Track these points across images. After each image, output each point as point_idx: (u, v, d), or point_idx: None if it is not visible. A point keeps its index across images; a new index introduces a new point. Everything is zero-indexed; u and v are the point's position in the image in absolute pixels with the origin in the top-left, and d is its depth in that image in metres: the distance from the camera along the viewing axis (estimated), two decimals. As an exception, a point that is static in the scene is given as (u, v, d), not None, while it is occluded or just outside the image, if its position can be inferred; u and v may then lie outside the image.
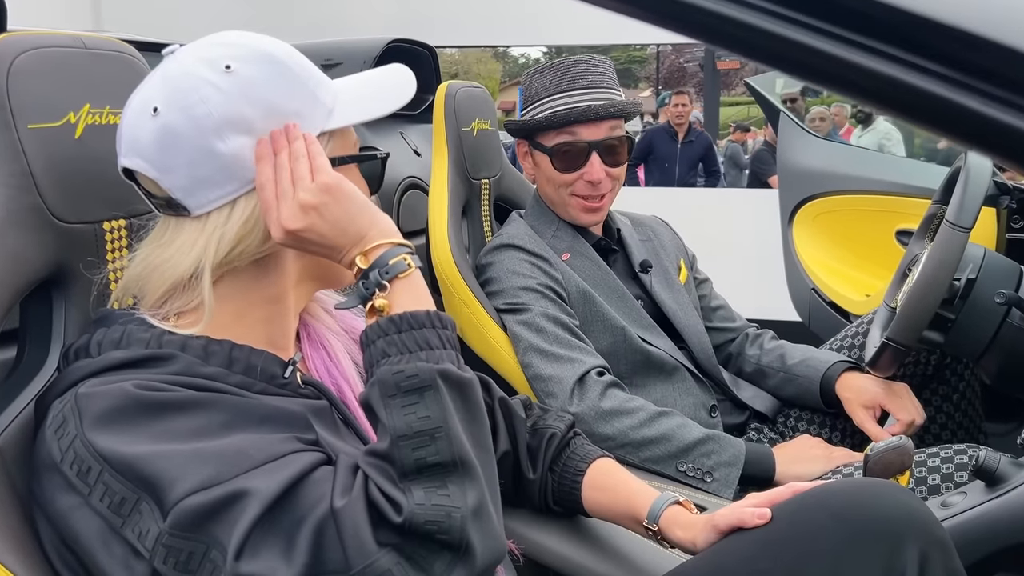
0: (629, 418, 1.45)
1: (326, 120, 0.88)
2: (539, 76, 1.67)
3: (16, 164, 0.88)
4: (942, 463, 1.38)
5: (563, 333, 1.53)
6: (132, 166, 0.86)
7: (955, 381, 1.71)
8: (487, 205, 1.85)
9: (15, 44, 0.90)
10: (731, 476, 1.42)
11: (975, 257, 1.43)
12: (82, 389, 0.77)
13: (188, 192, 0.84)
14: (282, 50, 0.88)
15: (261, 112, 0.84)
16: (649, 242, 1.80)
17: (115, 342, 0.83)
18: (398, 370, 0.76)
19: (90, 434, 0.74)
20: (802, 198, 2.77)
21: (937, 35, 0.46)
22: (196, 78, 0.83)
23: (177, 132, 0.82)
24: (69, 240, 0.93)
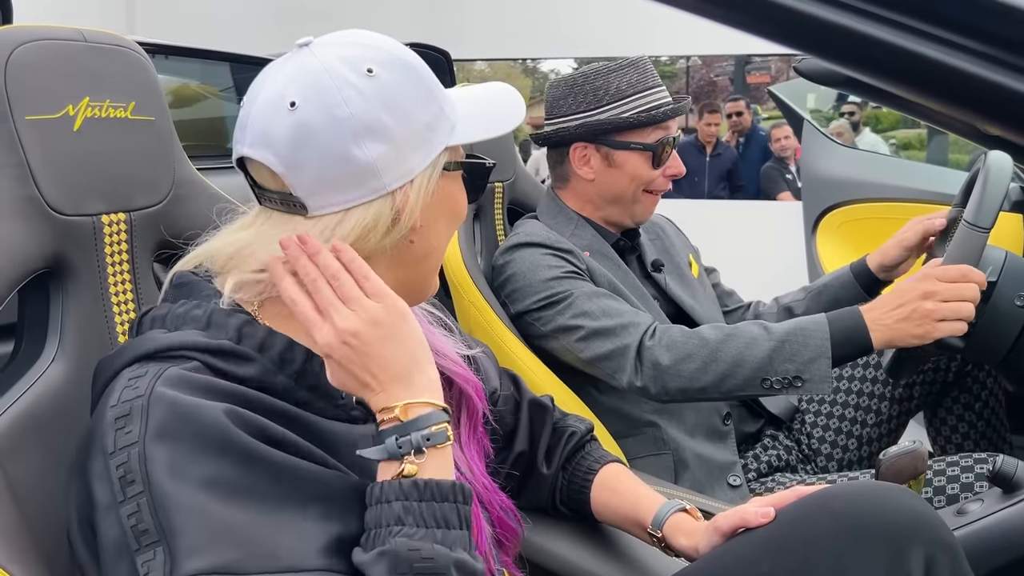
0: (691, 361, 1.40)
1: (449, 135, 0.85)
2: (619, 74, 1.62)
3: (12, 155, 0.89)
4: (961, 472, 1.34)
5: (609, 303, 1.50)
6: (259, 158, 0.81)
7: (977, 389, 1.66)
8: (500, 208, 1.84)
9: (14, 36, 0.91)
10: (822, 370, 1.34)
11: (996, 260, 1.39)
12: (161, 388, 0.74)
13: (311, 192, 0.81)
14: (416, 59, 0.86)
15: (398, 121, 0.81)
16: (659, 240, 1.78)
17: (196, 319, 0.81)
18: (414, 547, 0.72)
19: (150, 449, 0.71)
20: (826, 207, 2.75)
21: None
22: (338, 78, 0.80)
23: (315, 130, 0.79)
24: (66, 232, 0.93)
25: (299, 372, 0.81)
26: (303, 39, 0.85)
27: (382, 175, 0.81)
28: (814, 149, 2.82)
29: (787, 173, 5.88)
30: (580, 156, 1.64)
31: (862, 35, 0.49)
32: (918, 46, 0.48)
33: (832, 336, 1.35)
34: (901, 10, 0.47)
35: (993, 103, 0.50)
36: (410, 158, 0.82)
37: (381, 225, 0.82)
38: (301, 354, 0.82)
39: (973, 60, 0.47)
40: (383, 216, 0.82)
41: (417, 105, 0.83)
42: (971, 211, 1.32)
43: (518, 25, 5.48)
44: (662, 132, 1.60)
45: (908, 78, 0.52)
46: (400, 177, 0.82)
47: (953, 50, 0.47)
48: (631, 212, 1.66)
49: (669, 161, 1.62)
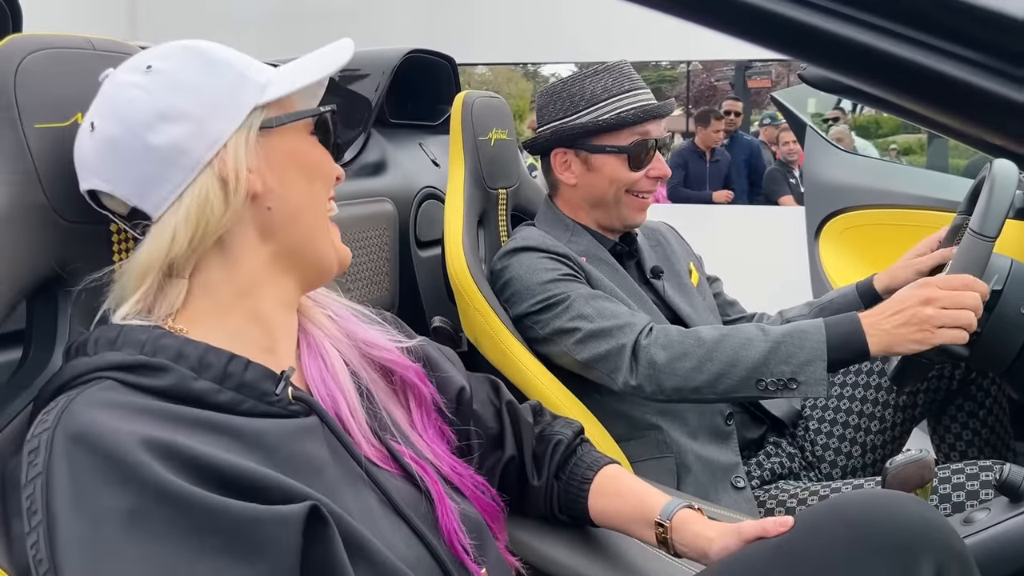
0: (687, 360, 1.40)
1: (261, 93, 0.87)
2: (595, 79, 1.64)
3: (21, 162, 0.89)
4: (967, 479, 1.34)
5: (606, 304, 1.51)
6: (89, 186, 0.86)
7: (981, 397, 1.67)
8: (504, 215, 1.84)
9: (23, 44, 0.91)
10: (818, 372, 1.34)
11: (1001, 268, 1.39)
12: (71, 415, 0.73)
13: (141, 196, 0.84)
14: (207, 44, 0.89)
15: (187, 98, 0.84)
16: (659, 247, 1.78)
17: (111, 341, 0.82)
18: None
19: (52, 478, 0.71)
20: (828, 212, 2.75)
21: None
22: (121, 84, 0.85)
23: (113, 139, 0.84)
24: (74, 240, 0.93)
25: (221, 375, 0.82)
26: (104, 73, 0.89)
27: (189, 151, 0.83)
28: (817, 155, 2.82)
29: (791, 177, 5.88)
30: (561, 162, 1.68)
31: (863, 46, 0.49)
32: (920, 57, 0.48)
33: (828, 340, 1.34)
34: (903, 21, 0.47)
35: (997, 116, 0.50)
36: (213, 126, 0.84)
37: (214, 197, 0.84)
38: (222, 358, 0.83)
39: (978, 72, 0.47)
40: (211, 187, 0.84)
41: (209, 79, 0.85)
42: (977, 220, 1.33)
43: (520, 30, 5.49)
44: (638, 135, 1.61)
45: (910, 90, 0.52)
46: (210, 146, 0.84)
47: (957, 62, 0.47)
48: (618, 215, 1.67)
49: (652, 163, 1.62)
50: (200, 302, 0.87)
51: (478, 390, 1.15)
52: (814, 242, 2.76)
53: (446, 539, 0.91)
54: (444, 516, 0.92)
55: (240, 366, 0.83)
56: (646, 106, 1.61)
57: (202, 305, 0.87)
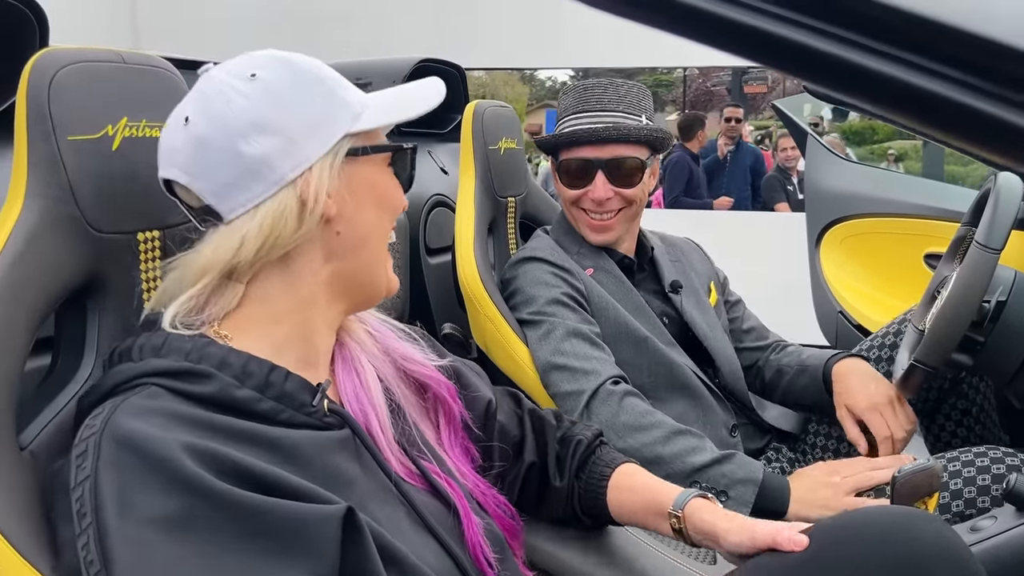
0: (645, 435, 1.44)
1: (353, 122, 0.89)
2: (564, 97, 1.72)
3: (55, 175, 0.90)
4: (964, 485, 1.36)
5: (582, 346, 1.52)
6: (168, 176, 0.88)
7: (972, 395, 1.70)
8: (513, 222, 1.86)
9: (57, 58, 0.93)
10: (747, 494, 1.40)
11: (1005, 279, 1.42)
12: (115, 421, 0.76)
13: (219, 196, 0.86)
14: (308, 60, 0.91)
15: (285, 114, 0.86)
16: (679, 263, 1.80)
17: (156, 348, 0.83)
18: None
19: (100, 481, 0.73)
20: (829, 221, 2.76)
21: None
22: (223, 86, 0.86)
23: (205, 138, 0.85)
24: (104, 250, 0.95)
25: (263, 384, 0.84)
26: (204, 67, 0.91)
27: (276, 166, 0.85)
28: (818, 163, 2.83)
29: (788, 184, 5.90)
30: (552, 170, 1.74)
31: (861, 67, 0.50)
32: (925, 82, 0.49)
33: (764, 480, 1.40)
34: (907, 48, 0.49)
35: (1000, 139, 0.51)
36: (305, 147, 0.86)
37: (289, 214, 0.85)
38: (264, 368, 0.85)
39: (981, 97, 0.48)
40: (289, 205, 0.85)
41: (307, 98, 0.87)
42: (983, 232, 1.35)
43: (518, 35, 5.51)
44: (572, 154, 1.65)
45: (915, 113, 0.53)
46: (296, 166, 0.85)
47: (961, 87, 0.48)
48: (582, 233, 1.70)
49: (591, 186, 1.63)
50: (252, 309, 0.88)
51: (502, 403, 1.17)
52: (815, 250, 2.78)
53: (471, 552, 0.93)
54: (470, 530, 0.94)
55: (281, 376, 0.85)
56: (577, 129, 1.64)
57: (253, 313, 0.88)
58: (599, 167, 1.63)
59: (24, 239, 0.88)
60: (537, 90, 16.13)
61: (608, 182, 1.63)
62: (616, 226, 1.67)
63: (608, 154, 1.63)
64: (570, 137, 1.63)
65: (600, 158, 1.63)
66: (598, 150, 1.63)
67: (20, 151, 0.90)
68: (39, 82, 0.90)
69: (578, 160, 1.64)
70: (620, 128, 1.62)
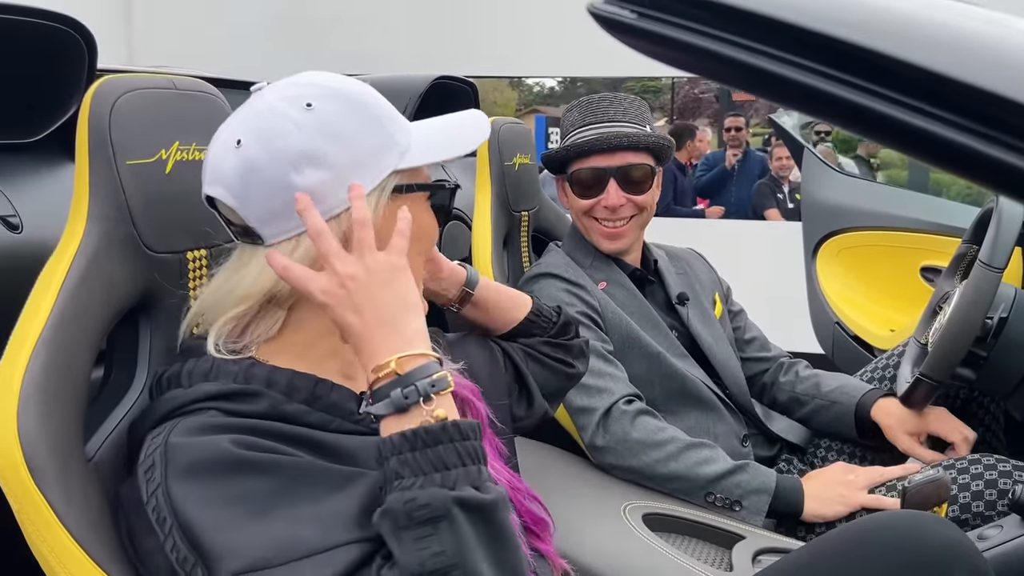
0: (657, 451, 1.49)
1: (400, 159, 0.91)
2: (569, 113, 1.75)
3: (115, 198, 0.94)
4: (959, 491, 1.41)
5: (596, 363, 1.56)
6: (214, 194, 0.89)
7: (981, 414, 1.75)
8: (526, 236, 1.91)
9: (116, 86, 0.96)
10: (760, 503, 1.44)
11: (1006, 296, 1.47)
12: (173, 437, 0.80)
13: (263, 222, 0.87)
14: (362, 90, 0.92)
15: (338, 148, 0.87)
16: (684, 275, 1.84)
17: (205, 373, 0.87)
18: (409, 498, 0.73)
19: (171, 485, 0.77)
20: (825, 233, 2.82)
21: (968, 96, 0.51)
22: (277, 114, 0.87)
23: (257, 164, 0.86)
24: (157, 269, 0.99)
25: (311, 397, 0.87)
26: (256, 85, 0.91)
27: (324, 199, 0.86)
28: (815, 176, 2.89)
29: (779, 192, 5.97)
30: (559, 187, 1.79)
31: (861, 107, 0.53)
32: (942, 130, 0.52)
33: (777, 486, 1.46)
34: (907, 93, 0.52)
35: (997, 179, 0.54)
36: (355, 180, 0.87)
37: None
38: (309, 382, 0.88)
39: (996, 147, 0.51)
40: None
41: (359, 132, 0.88)
42: (986, 251, 1.41)
43: (504, 43, 5.56)
44: (584, 164, 1.69)
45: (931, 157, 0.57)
46: (343, 201, 0.86)
47: (958, 130, 0.51)
48: (594, 242, 1.74)
49: (604, 194, 1.68)
50: (291, 335, 0.92)
51: (505, 365, 1.20)
52: (811, 261, 2.83)
53: None
54: None
55: (326, 388, 0.89)
56: (590, 139, 1.68)
57: (293, 338, 0.91)
58: (611, 175, 1.67)
59: (87, 260, 0.91)
60: (526, 95, 16.14)
61: (620, 189, 1.68)
62: (628, 233, 1.72)
63: (619, 162, 1.68)
64: (582, 147, 1.68)
65: (612, 166, 1.67)
66: (609, 159, 1.67)
67: (81, 175, 0.94)
68: (100, 110, 0.94)
69: (590, 170, 1.69)
70: (630, 136, 1.67)
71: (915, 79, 0.51)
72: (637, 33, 0.54)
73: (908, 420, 1.62)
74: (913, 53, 0.50)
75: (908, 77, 0.51)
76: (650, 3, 0.54)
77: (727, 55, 0.52)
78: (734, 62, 0.52)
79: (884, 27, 0.52)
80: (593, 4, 0.56)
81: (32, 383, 0.82)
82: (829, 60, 0.52)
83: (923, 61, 0.51)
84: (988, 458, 1.41)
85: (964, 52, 0.50)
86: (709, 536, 1.38)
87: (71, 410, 0.86)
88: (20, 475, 0.79)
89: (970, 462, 1.42)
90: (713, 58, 0.53)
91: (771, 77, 0.52)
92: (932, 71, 0.51)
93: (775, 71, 0.52)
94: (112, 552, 0.83)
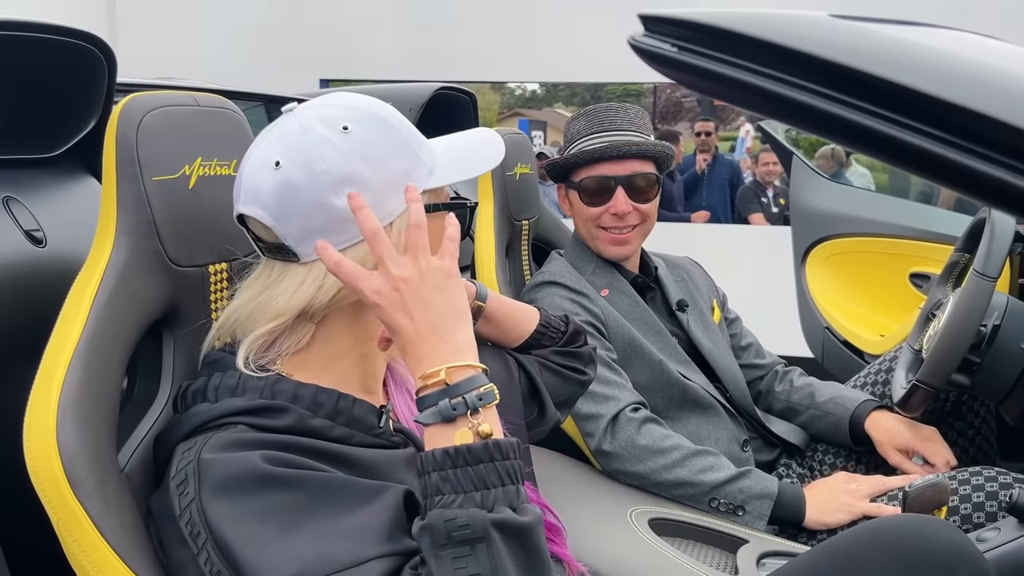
0: (663, 457, 1.52)
1: (427, 179, 0.94)
2: (575, 122, 1.78)
3: (142, 214, 0.96)
4: (960, 502, 1.45)
5: (602, 370, 1.58)
6: (250, 213, 0.91)
7: (971, 417, 1.79)
8: (527, 245, 1.94)
9: (143, 104, 0.98)
10: (763, 508, 1.48)
11: (999, 304, 1.52)
12: (206, 453, 0.82)
13: (299, 240, 0.89)
14: (391, 113, 0.95)
15: (373, 170, 0.89)
16: (683, 282, 1.87)
17: (231, 388, 0.89)
18: (449, 517, 0.75)
19: (205, 501, 0.79)
20: (815, 239, 2.86)
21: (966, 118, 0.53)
22: (316, 136, 0.89)
23: (297, 185, 0.88)
24: (181, 282, 1.01)
25: (333, 412, 0.90)
26: (288, 106, 0.94)
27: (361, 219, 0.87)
28: (803, 182, 2.93)
29: (763, 196, 6.03)
30: (561, 195, 1.81)
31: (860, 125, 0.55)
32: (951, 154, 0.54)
33: (779, 494, 1.50)
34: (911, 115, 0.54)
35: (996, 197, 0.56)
36: (388, 203, 0.90)
37: (368, 266, 0.88)
38: (332, 397, 0.90)
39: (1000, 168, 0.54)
40: (368, 258, 0.88)
41: (392, 155, 0.91)
42: (980, 261, 1.45)
43: (487, 49, 5.60)
44: (593, 172, 1.72)
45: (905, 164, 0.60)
46: (380, 220, 0.87)
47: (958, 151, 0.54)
48: (598, 249, 1.77)
49: (612, 201, 1.71)
50: (318, 348, 0.94)
51: (520, 376, 1.23)
52: (801, 267, 2.88)
53: None
54: None
55: (348, 403, 0.91)
56: (598, 147, 1.71)
57: (319, 351, 0.94)
58: (619, 183, 1.70)
59: (117, 275, 0.93)
60: (508, 99, 16.20)
61: (628, 197, 1.70)
62: (634, 239, 1.75)
63: (626, 170, 1.70)
64: (592, 154, 1.70)
65: (619, 175, 1.70)
66: (616, 167, 1.70)
67: (109, 191, 0.96)
68: (127, 127, 0.96)
69: (597, 177, 1.71)
70: (639, 144, 1.70)
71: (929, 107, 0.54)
72: (678, 66, 0.57)
73: (898, 436, 1.66)
74: (930, 84, 0.54)
75: (923, 106, 0.54)
76: (690, 38, 0.56)
77: (764, 88, 0.55)
78: (771, 95, 0.55)
79: (912, 64, 0.55)
80: (634, 37, 0.59)
81: (70, 396, 0.84)
82: (860, 94, 0.55)
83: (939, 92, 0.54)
84: (989, 470, 1.45)
85: (997, 92, 0.53)
86: (714, 540, 1.41)
87: (106, 422, 0.88)
88: (60, 488, 0.81)
89: (971, 473, 1.45)
90: (751, 91, 0.56)
91: (806, 109, 0.55)
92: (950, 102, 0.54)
93: (810, 103, 0.55)
94: (148, 560, 0.85)
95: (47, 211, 1.19)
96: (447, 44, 5.54)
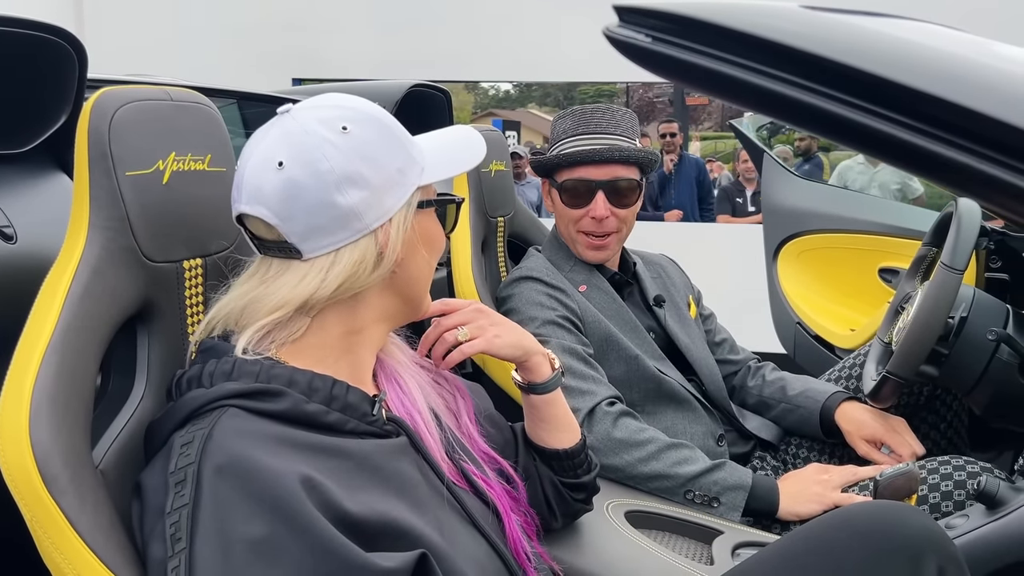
0: (639, 450, 1.53)
1: (420, 176, 0.97)
2: (560, 121, 1.78)
3: (115, 209, 0.95)
4: (929, 491, 1.47)
5: (577, 364, 1.60)
6: (253, 213, 0.92)
7: (944, 411, 1.82)
8: (502, 242, 1.94)
9: (115, 98, 0.97)
10: (737, 499, 1.49)
11: (966, 297, 1.54)
12: (213, 448, 0.81)
13: (303, 238, 0.91)
14: (384, 113, 0.98)
15: (373, 168, 0.92)
16: (660, 279, 1.89)
17: (227, 373, 0.89)
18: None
19: (197, 512, 0.78)
20: (786, 236, 2.90)
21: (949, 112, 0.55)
22: (317, 137, 0.91)
23: (301, 185, 0.90)
24: (155, 278, 1.00)
25: (328, 398, 0.91)
26: (283, 107, 0.96)
27: (364, 216, 0.92)
28: (774, 180, 2.97)
29: (738, 196, 6.09)
30: (546, 191, 1.82)
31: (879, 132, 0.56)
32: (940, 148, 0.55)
33: (753, 486, 1.51)
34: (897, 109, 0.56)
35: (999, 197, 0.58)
36: (386, 200, 0.94)
37: (368, 260, 0.93)
38: (327, 383, 0.92)
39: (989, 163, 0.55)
40: (369, 253, 0.93)
41: (388, 153, 0.94)
42: (947, 254, 1.47)
43: (461, 48, 5.61)
44: (575, 174, 1.72)
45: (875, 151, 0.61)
46: (379, 217, 0.93)
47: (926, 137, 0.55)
48: (578, 252, 1.78)
49: (591, 205, 1.72)
50: (312, 338, 0.95)
51: (506, 431, 1.25)
52: (772, 263, 2.91)
53: (512, 549, 1.01)
54: (510, 527, 1.02)
55: (343, 390, 0.93)
56: (581, 150, 1.72)
57: (312, 341, 0.95)
58: (600, 187, 1.71)
59: (90, 271, 0.93)
60: (481, 99, 16.21)
61: (607, 202, 1.71)
62: (612, 244, 1.76)
63: (608, 175, 1.71)
64: (573, 157, 1.71)
65: (600, 179, 1.71)
66: (598, 171, 1.71)
67: (81, 186, 0.95)
68: (100, 121, 0.95)
69: (578, 180, 1.72)
70: (621, 149, 1.71)
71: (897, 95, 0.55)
72: (652, 57, 0.58)
73: (866, 427, 1.68)
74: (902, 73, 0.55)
75: (892, 94, 0.55)
76: (664, 28, 0.57)
77: (738, 77, 0.56)
78: (744, 84, 0.56)
79: (880, 54, 0.56)
80: (609, 28, 0.59)
81: (43, 392, 0.83)
82: (831, 83, 0.56)
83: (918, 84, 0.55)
84: (957, 459, 1.47)
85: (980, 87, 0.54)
86: (689, 532, 1.42)
87: (80, 418, 0.88)
88: (33, 485, 0.80)
89: (940, 463, 1.48)
90: (724, 80, 0.57)
91: (779, 98, 0.56)
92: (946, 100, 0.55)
93: (783, 92, 0.56)
94: (124, 558, 0.84)
95: (17, 207, 1.17)
96: (420, 44, 5.54)
